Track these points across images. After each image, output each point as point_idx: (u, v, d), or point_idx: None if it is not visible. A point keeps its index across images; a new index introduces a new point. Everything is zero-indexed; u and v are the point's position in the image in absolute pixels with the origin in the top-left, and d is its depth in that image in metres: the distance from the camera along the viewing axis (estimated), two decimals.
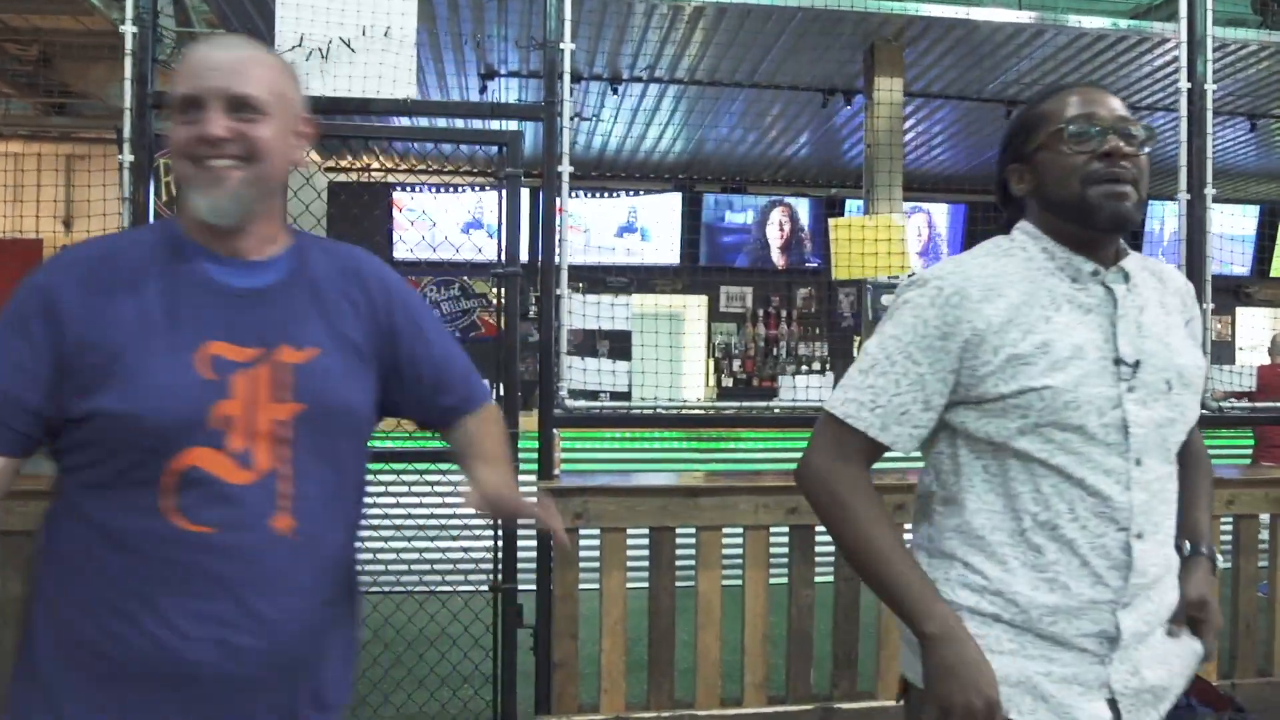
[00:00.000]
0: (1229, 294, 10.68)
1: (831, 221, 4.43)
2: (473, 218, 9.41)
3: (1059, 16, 6.15)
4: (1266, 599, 3.71)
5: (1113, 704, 1.36)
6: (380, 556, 5.15)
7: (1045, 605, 1.34)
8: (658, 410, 3.70)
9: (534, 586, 3.27)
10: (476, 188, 9.28)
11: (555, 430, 3.37)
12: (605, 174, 9.37)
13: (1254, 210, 10.57)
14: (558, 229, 3.39)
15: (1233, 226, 10.47)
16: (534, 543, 3.31)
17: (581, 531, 3.26)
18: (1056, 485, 1.35)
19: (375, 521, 5.12)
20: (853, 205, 9.77)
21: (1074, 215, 1.38)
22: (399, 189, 9.23)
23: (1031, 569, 1.35)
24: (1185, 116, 3.79)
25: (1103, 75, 6.89)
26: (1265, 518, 3.73)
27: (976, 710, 1.28)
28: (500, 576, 3.24)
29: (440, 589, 4.84)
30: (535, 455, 3.33)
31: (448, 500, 5.05)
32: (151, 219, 3.18)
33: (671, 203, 9.50)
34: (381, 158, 9.00)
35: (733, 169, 9.51)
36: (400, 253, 9.22)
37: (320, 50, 3.30)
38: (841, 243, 4.06)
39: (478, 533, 4.61)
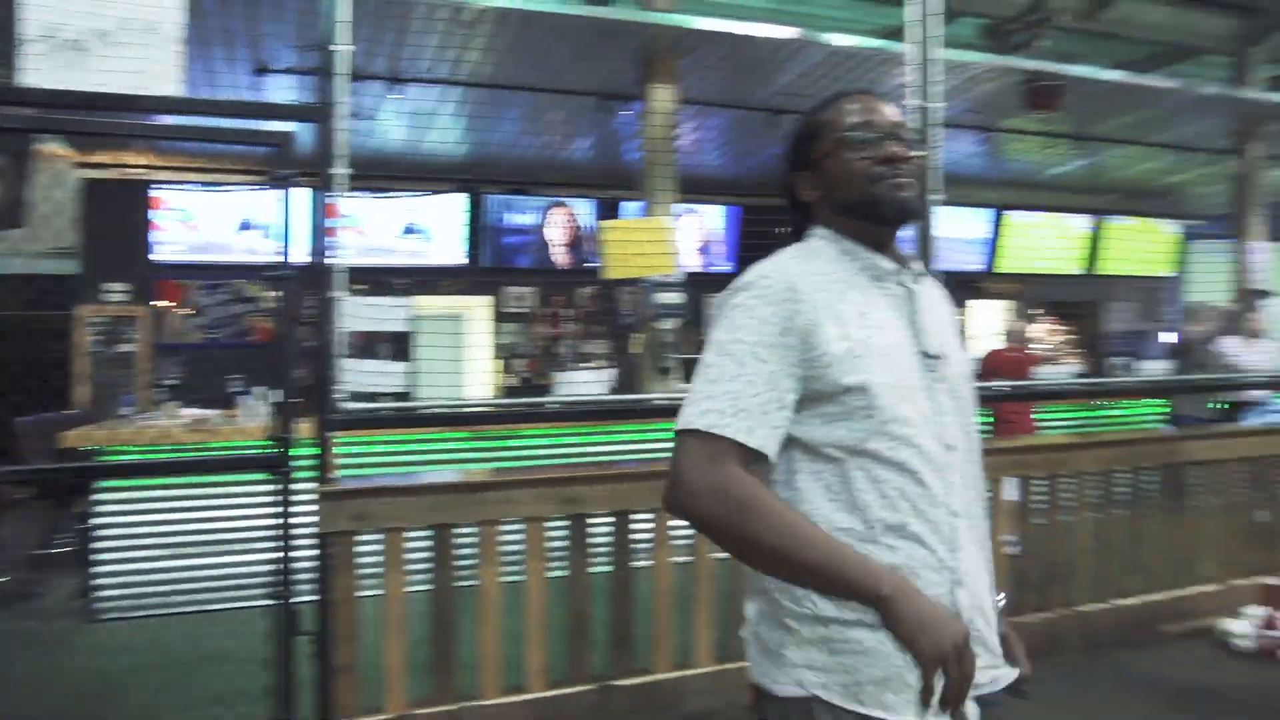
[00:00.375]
0: (964, 288, 11.82)
1: (601, 224, 4.62)
2: (247, 218, 9.01)
3: (817, 34, 6.70)
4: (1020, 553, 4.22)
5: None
6: (150, 577, 4.92)
7: None
8: (434, 410, 3.74)
9: (314, 597, 3.25)
10: (256, 187, 8.89)
11: (331, 434, 3.36)
12: (386, 174, 9.21)
13: (987, 213, 11.76)
14: (333, 231, 3.38)
15: (969, 228, 11.62)
16: (315, 551, 3.28)
17: (363, 535, 3.27)
18: (898, 484, 1.37)
19: (143, 541, 4.89)
20: (632, 207, 10.10)
21: (864, 213, 1.45)
22: (161, 187, 8.69)
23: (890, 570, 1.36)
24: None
25: (854, 88, 7.49)
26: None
27: (962, 648, 1.29)
28: (282, 586, 3.21)
29: (210, 608, 4.68)
30: (315, 460, 3.31)
31: (221, 514, 4.91)
32: None
33: (454, 203, 9.46)
34: (145, 154, 8.44)
35: (515, 170, 9.59)
36: (166, 254, 8.74)
37: (74, 43, 3.15)
38: (613, 244, 4.25)
39: (255, 545, 4.50)
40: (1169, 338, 11.06)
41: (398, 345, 7.62)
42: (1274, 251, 5.90)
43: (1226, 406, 6.90)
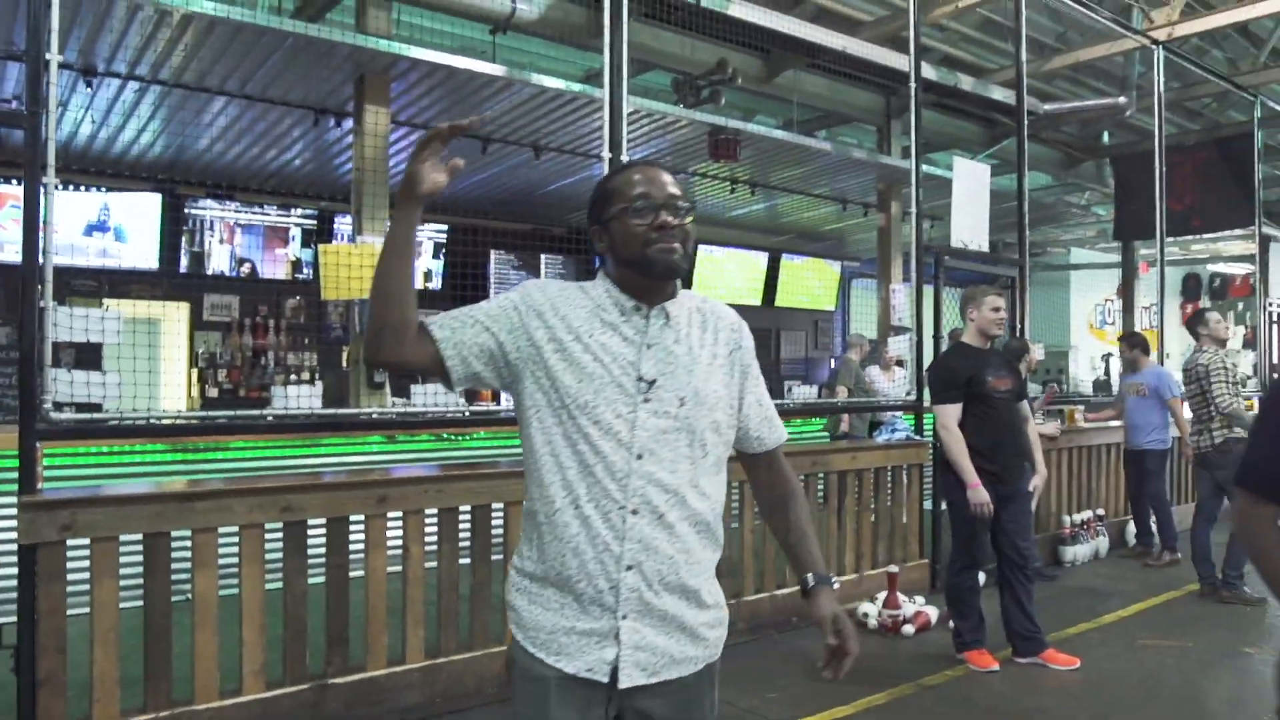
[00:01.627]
0: None
1: (320, 247, 4.77)
2: None
3: (524, 73, 7.17)
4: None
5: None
6: None
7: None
8: (151, 421, 3.77)
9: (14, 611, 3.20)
10: None
11: (38, 444, 3.33)
12: (73, 167, 8.59)
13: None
14: (43, 238, 3.35)
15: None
16: (14, 568, 3.22)
17: (69, 543, 3.27)
18: (576, 475, 1.70)
19: None
20: (343, 222, 10.07)
21: (638, 269, 1.73)
22: None
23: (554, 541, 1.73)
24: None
25: (559, 125, 8.04)
26: None
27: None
28: None
29: None
30: (15, 472, 3.26)
31: None
32: None
33: (151, 203, 9.00)
34: None
35: (220, 174, 9.28)
36: None
37: None
38: (330, 267, 4.44)
39: None
40: (835, 363, 12.59)
41: (83, 354, 7.18)
42: (907, 293, 7.11)
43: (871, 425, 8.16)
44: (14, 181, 7.95)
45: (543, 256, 11.53)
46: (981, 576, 4.92)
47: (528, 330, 1.74)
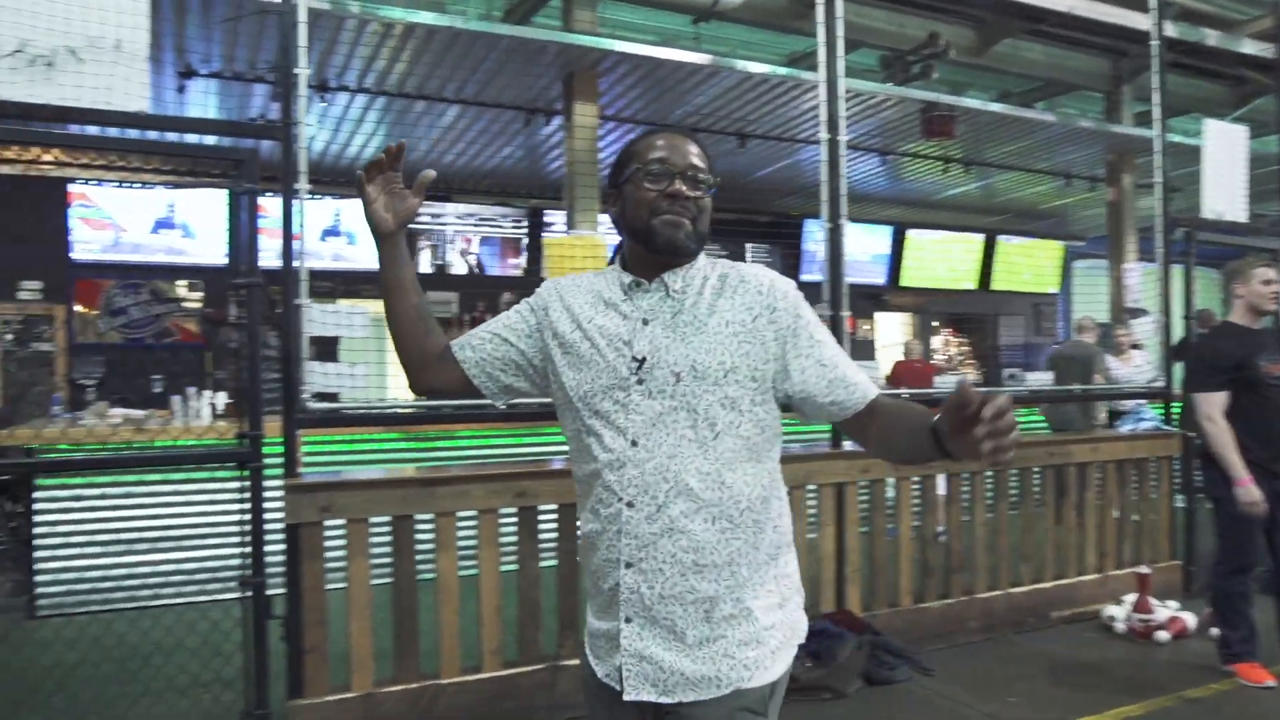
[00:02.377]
0: (869, 300, 12.47)
1: (545, 239, 4.91)
2: (166, 216, 8.98)
3: (729, 61, 7.11)
4: (894, 543, 4.65)
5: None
6: (111, 573, 4.98)
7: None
8: (394, 409, 3.97)
9: (284, 585, 3.45)
10: (171, 186, 8.85)
11: (298, 432, 3.58)
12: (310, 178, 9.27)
13: (888, 230, 12.43)
14: (297, 242, 3.59)
15: (872, 245, 12.27)
16: (282, 544, 3.47)
17: (327, 524, 3.49)
18: (587, 465, 1.62)
19: (88, 537, 4.96)
20: (551, 216, 10.40)
21: (640, 238, 1.62)
22: (78, 183, 8.60)
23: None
24: (825, 161, 4.65)
25: (765, 111, 7.94)
26: (891, 480, 4.70)
27: None
28: (250, 572, 3.39)
29: (176, 601, 4.78)
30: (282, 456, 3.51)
31: (188, 509, 5.01)
32: None
33: None
34: (60, 152, 8.33)
35: (439, 177, 9.77)
36: (85, 253, 8.66)
37: (45, 58, 3.29)
38: (554, 258, 4.54)
39: (224, 537, 4.62)
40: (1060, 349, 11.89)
41: (322, 347, 7.73)
42: (1146, 273, 6.53)
43: (1109, 414, 7.59)
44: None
45: (748, 245, 11.44)
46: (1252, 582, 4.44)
47: (541, 331, 1.70)
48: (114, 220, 8.72)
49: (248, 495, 3.36)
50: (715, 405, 1.55)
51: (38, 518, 5.03)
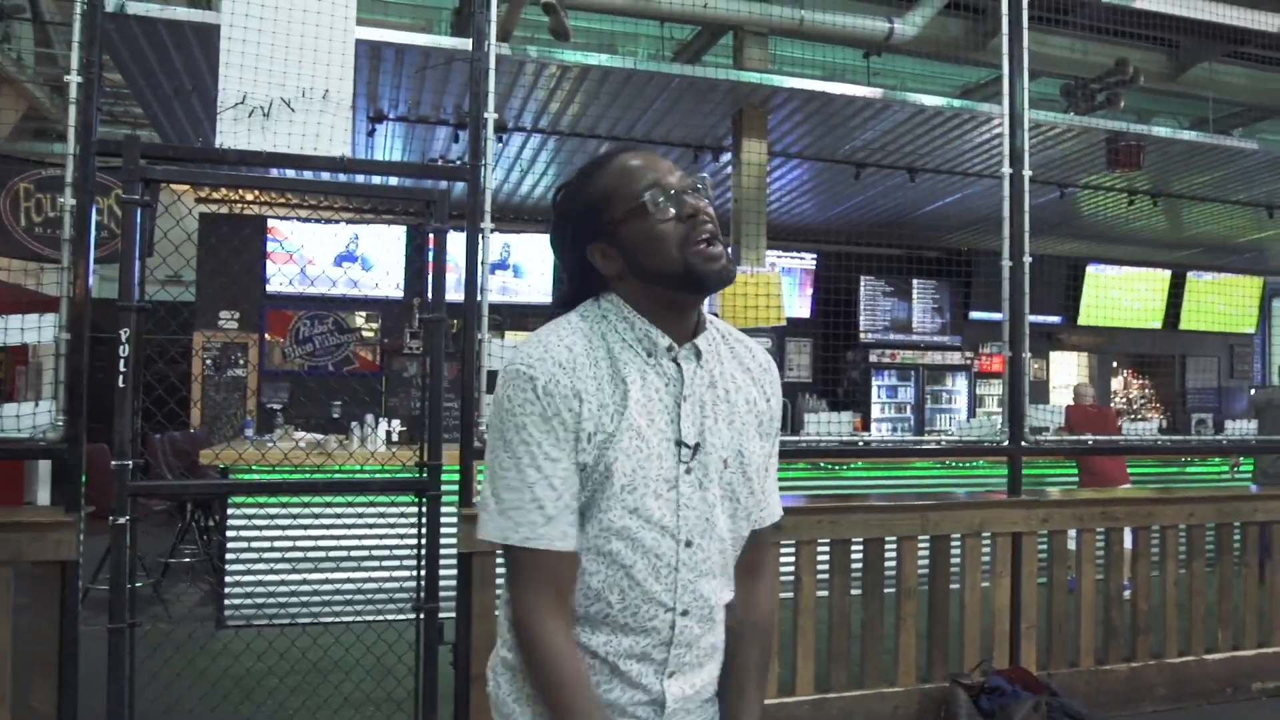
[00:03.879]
0: (1044, 339, 11.91)
1: None
2: (346, 250, 9.54)
3: (902, 95, 6.99)
4: (1074, 598, 4.38)
5: None
6: (296, 589, 5.27)
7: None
8: None
9: (454, 610, 3.56)
10: (362, 222, 9.42)
11: (474, 462, 3.69)
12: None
13: (1068, 265, 11.87)
14: (480, 278, 3.73)
15: (1046, 280, 11.72)
16: (454, 569, 3.58)
17: (499, 552, 3.56)
18: (607, 576, 1.31)
19: (293, 554, 5.28)
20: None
21: (679, 283, 1.31)
22: (277, 220, 9.28)
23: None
24: (1007, 195, 4.48)
25: (936, 144, 7.75)
26: (1073, 532, 4.44)
27: None
28: (423, 596, 3.51)
29: (353, 620, 5.02)
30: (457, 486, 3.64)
31: (364, 530, 5.28)
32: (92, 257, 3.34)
33: (542, 242, 9.90)
34: (256, 191, 9.01)
35: None
36: (277, 285, 9.31)
37: (262, 109, 3.56)
38: (726, 295, 4.55)
39: (400, 560, 4.81)
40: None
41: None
42: None
43: None
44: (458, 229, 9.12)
45: (914, 281, 11.16)
46: None
47: (579, 438, 1.29)
48: (301, 254, 9.33)
49: (425, 522, 3.48)
50: (756, 496, 1.40)
51: (230, 533, 5.39)
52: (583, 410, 1.28)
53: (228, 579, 5.39)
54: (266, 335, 9.41)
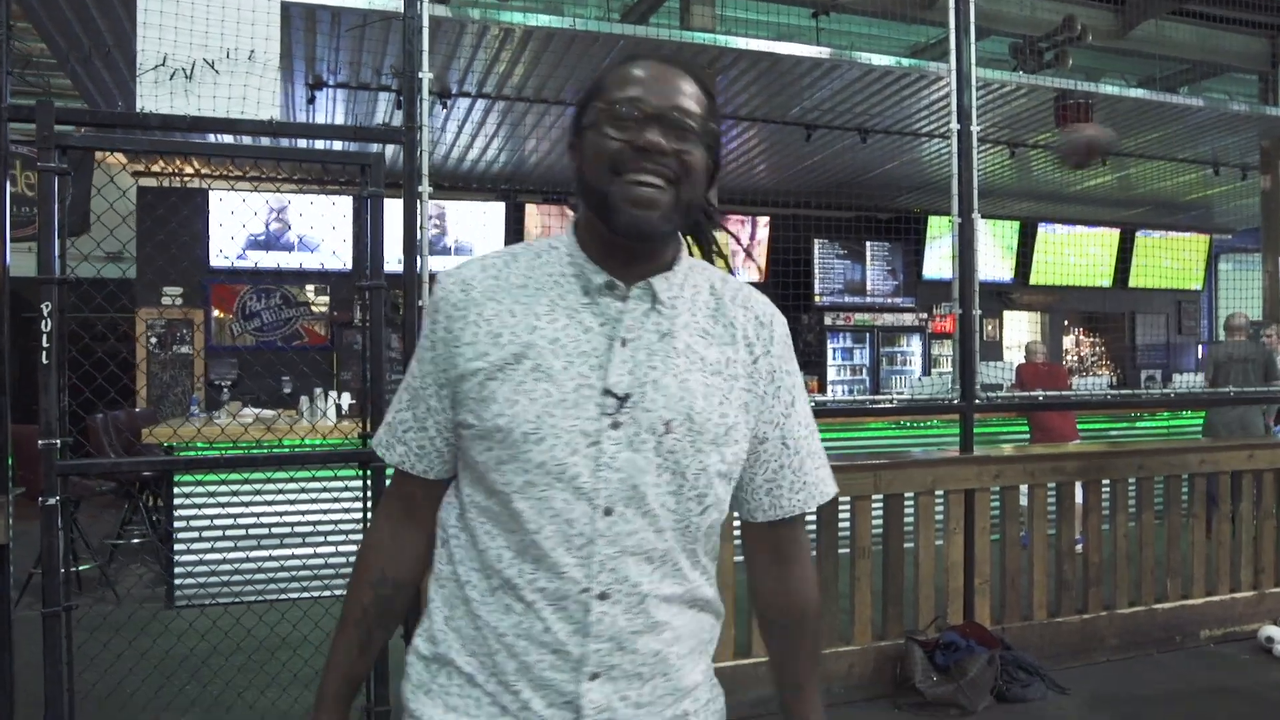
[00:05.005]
0: (996, 299, 12.01)
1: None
2: (293, 223, 9.33)
3: (850, 53, 6.93)
4: (1027, 553, 4.41)
5: None
6: (242, 567, 5.17)
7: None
8: None
9: None
10: (301, 192, 9.19)
11: None
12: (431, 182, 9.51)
13: (1015, 225, 11.95)
14: (419, 244, 3.62)
15: (998, 240, 11.82)
16: None
17: None
18: (515, 542, 1.13)
19: (223, 532, 5.16)
20: None
21: (599, 208, 1.13)
22: (214, 193, 9.03)
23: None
24: (955, 152, 4.46)
25: (887, 105, 7.71)
26: (1024, 488, 4.47)
27: None
28: None
29: (300, 596, 4.94)
30: None
31: (310, 505, 5.18)
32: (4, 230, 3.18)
33: (495, 211, 9.75)
34: (195, 161, 8.75)
35: (555, 182, 9.87)
36: (220, 260, 9.07)
37: (184, 70, 3.41)
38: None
39: (346, 535, 4.73)
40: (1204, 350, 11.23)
41: None
42: None
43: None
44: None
45: (868, 243, 11.18)
46: None
47: (449, 369, 1.17)
48: (246, 227, 9.11)
49: (369, 494, 3.40)
50: (710, 472, 1.16)
51: (177, 512, 5.26)
52: (479, 337, 1.15)
53: (175, 559, 5.26)
54: (214, 311, 9.19)
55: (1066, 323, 13.19)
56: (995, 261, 11.62)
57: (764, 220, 10.73)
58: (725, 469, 1.18)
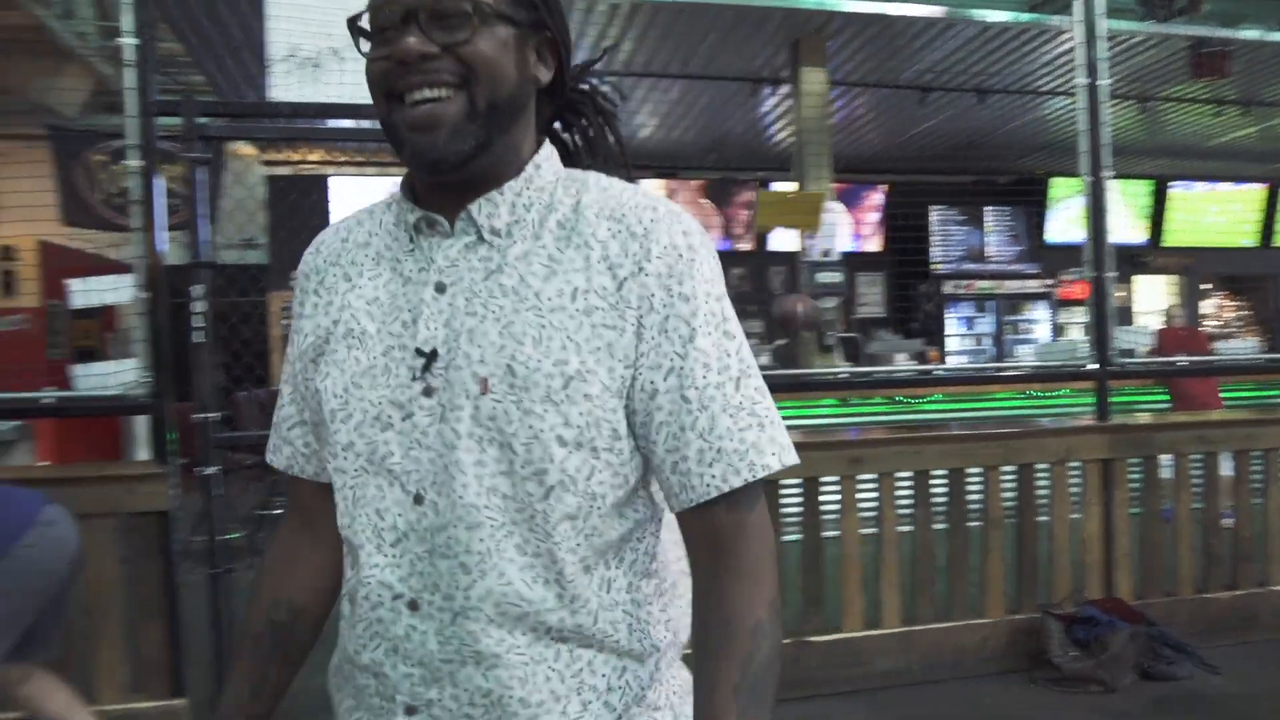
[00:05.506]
0: (1126, 263, 11.46)
1: (759, 194, 4.79)
2: None
3: (966, 12, 6.70)
4: (1170, 527, 4.22)
5: None
6: None
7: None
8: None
9: None
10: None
11: None
12: None
13: (1147, 185, 11.37)
14: None
15: (1129, 201, 11.27)
16: None
17: None
18: (343, 534, 0.96)
19: None
20: (782, 188, 10.27)
21: (392, 144, 0.92)
22: (334, 179, 9.36)
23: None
24: (1084, 109, 4.25)
25: (1005, 64, 7.43)
26: (1167, 458, 4.27)
27: None
28: None
29: None
30: None
31: None
32: (164, 219, 3.36)
33: None
34: (319, 150, 9.09)
35: (664, 155, 9.87)
36: None
37: (312, 60, 3.53)
38: (767, 206, 4.41)
39: None
40: None
41: None
42: None
43: None
44: None
45: (987, 209, 10.81)
46: None
47: (298, 348, 1.01)
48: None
49: None
50: (547, 438, 0.86)
51: None
52: (315, 309, 0.99)
53: None
54: None
55: (1205, 286, 12.50)
56: (1125, 223, 11.09)
57: (879, 189, 10.50)
58: (572, 434, 0.87)
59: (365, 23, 0.90)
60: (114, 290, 3.40)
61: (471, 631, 0.87)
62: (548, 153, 0.97)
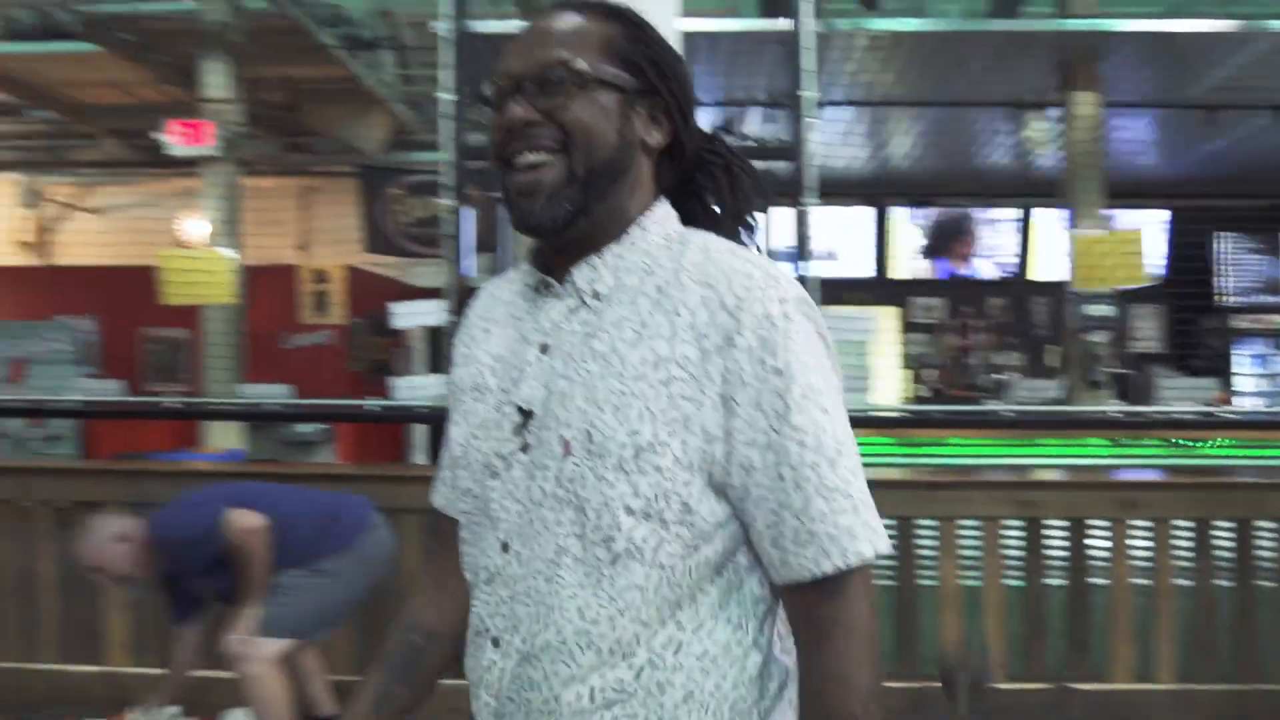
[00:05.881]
0: None
1: (1072, 234, 4.64)
2: None
3: (1262, 24, 6.21)
4: None
5: None
6: None
7: None
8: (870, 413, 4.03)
9: None
10: None
11: None
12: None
13: None
14: (808, 251, 3.83)
15: None
16: None
17: None
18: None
19: None
20: (1051, 214, 9.82)
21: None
22: None
23: None
24: None
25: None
26: None
27: None
28: None
29: None
30: None
31: None
32: (474, 256, 3.81)
33: (861, 217, 9.81)
34: None
35: (920, 184, 9.74)
36: None
37: None
38: (1083, 255, 4.28)
39: None
40: None
41: None
42: None
43: None
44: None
45: None
46: None
47: (449, 392, 1.11)
48: None
49: None
50: (615, 506, 0.89)
51: None
52: (460, 360, 1.07)
53: None
54: None
55: None
56: None
57: (1159, 215, 9.81)
58: (640, 504, 0.88)
59: (488, 92, 0.98)
60: (429, 314, 3.87)
61: (532, 678, 0.93)
62: (660, 215, 0.99)
